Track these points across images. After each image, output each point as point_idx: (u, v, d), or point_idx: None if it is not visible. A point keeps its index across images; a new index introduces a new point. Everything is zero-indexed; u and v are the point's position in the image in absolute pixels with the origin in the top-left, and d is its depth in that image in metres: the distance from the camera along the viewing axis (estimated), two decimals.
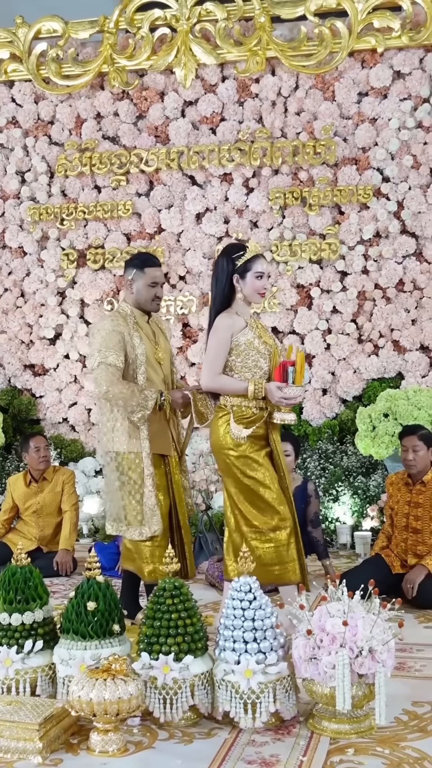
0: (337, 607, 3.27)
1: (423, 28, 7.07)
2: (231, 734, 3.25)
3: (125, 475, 4.44)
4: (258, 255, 4.33)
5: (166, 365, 4.65)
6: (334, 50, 7.23)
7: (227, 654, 3.30)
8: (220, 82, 7.57)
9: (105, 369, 4.38)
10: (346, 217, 7.30)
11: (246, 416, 4.26)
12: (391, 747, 3.09)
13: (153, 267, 4.61)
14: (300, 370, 4.16)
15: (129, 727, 3.29)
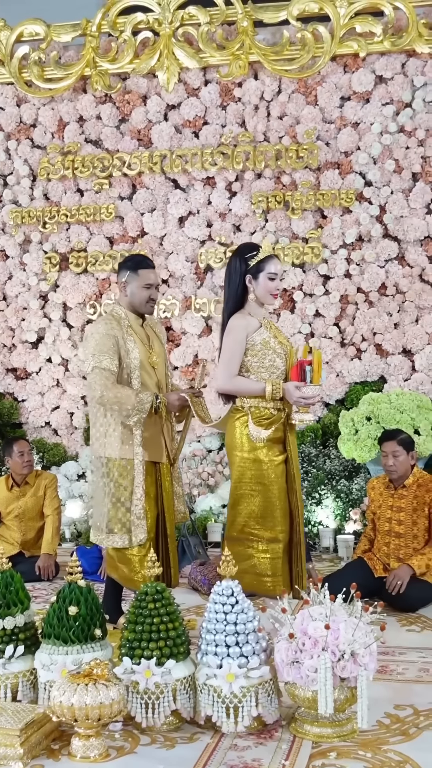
0: (319, 610, 3.27)
1: (405, 33, 7.10)
2: (213, 739, 3.24)
3: (114, 482, 4.35)
4: (271, 256, 4.29)
5: (160, 369, 4.56)
6: (316, 54, 7.25)
7: (209, 658, 3.30)
8: (202, 86, 7.57)
9: (99, 373, 4.30)
10: (329, 221, 7.31)
11: (264, 417, 4.22)
12: (374, 750, 3.09)
13: (147, 269, 4.55)
14: (317, 369, 4.12)
15: (111, 732, 3.28)
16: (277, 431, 4.24)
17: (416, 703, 3.54)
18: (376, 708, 3.42)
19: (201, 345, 7.49)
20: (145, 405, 4.27)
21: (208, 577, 5.30)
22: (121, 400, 4.27)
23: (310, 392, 4.11)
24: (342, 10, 7.18)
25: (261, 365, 4.22)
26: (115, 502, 4.36)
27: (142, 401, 4.27)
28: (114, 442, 4.36)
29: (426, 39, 7.09)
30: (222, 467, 7.21)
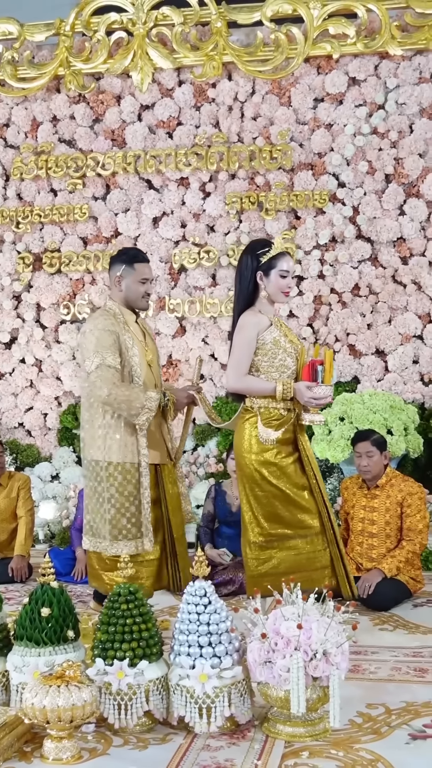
0: (291, 610, 3.28)
1: (378, 36, 7.14)
2: (186, 739, 3.24)
3: (117, 488, 4.21)
4: (283, 252, 4.21)
5: (155, 367, 4.47)
6: (290, 56, 7.27)
7: (182, 659, 3.29)
8: (176, 87, 7.57)
9: (105, 371, 4.16)
10: (302, 221, 7.34)
11: (274, 418, 4.14)
12: (345, 749, 3.10)
13: (143, 262, 4.45)
14: (329, 369, 4.05)
15: (83, 733, 3.27)
16: (286, 432, 4.16)
17: (388, 702, 3.56)
18: (349, 707, 3.43)
19: (175, 345, 7.49)
20: (153, 402, 4.16)
21: None
22: (129, 399, 4.14)
23: (321, 392, 4.04)
24: (315, 11, 7.20)
25: (271, 365, 4.13)
26: (119, 508, 4.21)
27: (150, 399, 4.16)
28: (115, 445, 4.22)
29: (399, 41, 7.14)
30: (196, 468, 7.21)
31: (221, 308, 7.37)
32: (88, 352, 4.23)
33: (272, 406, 4.13)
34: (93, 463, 4.29)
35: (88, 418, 4.34)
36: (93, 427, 4.29)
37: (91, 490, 4.33)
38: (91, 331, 4.27)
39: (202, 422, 7.37)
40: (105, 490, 4.22)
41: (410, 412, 6.56)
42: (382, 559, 5.07)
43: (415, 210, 7.14)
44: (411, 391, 6.98)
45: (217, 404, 7.32)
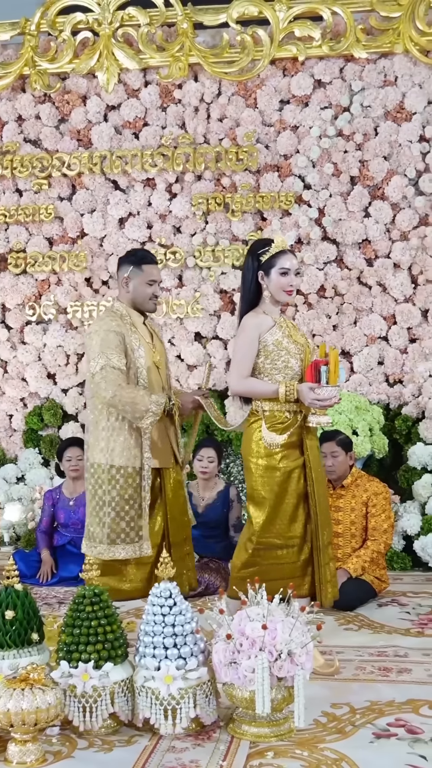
0: (256, 611, 3.29)
1: (343, 38, 7.18)
2: (151, 741, 3.24)
3: (118, 491, 4.13)
4: (284, 251, 4.10)
5: (162, 369, 4.38)
6: (256, 58, 7.29)
7: (147, 660, 3.30)
8: (143, 87, 7.55)
9: (110, 372, 4.08)
10: (269, 223, 7.36)
11: (279, 421, 4.03)
12: (310, 749, 3.12)
13: (151, 264, 4.37)
14: (334, 369, 3.92)
15: (48, 736, 3.26)
16: (292, 435, 4.05)
17: (353, 702, 3.59)
18: (314, 707, 3.46)
19: None
20: (159, 406, 4.09)
21: None
22: (134, 401, 4.06)
23: (325, 393, 3.91)
24: (281, 14, 7.23)
25: (274, 366, 4.03)
26: (119, 512, 4.15)
27: (155, 402, 4.08)
28: (118, 448, 4.14)
29: (364, 44, 7.18)
30: None
31: (187, 309, 7.37)
32: (93, 353, 4.16)
33: (277, 408, 4.03)
34: (95, 466, 4.21)
35: (92, 420, 4.26)
36: (97, 429, 4.21)
37: (91, 493, 4.26)
38: (97, 332, 4.21)
39: None
40: (106, 493, 4.15)
41: (375, 413, 6.61)
42: (347, 559, 5.10)
43: (380, 212, 7.19)
44: (376, 392, 7.02)
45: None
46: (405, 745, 3.17)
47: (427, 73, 7.19)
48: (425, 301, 7.13)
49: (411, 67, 7.20)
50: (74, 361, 7.61)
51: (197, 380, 7.36)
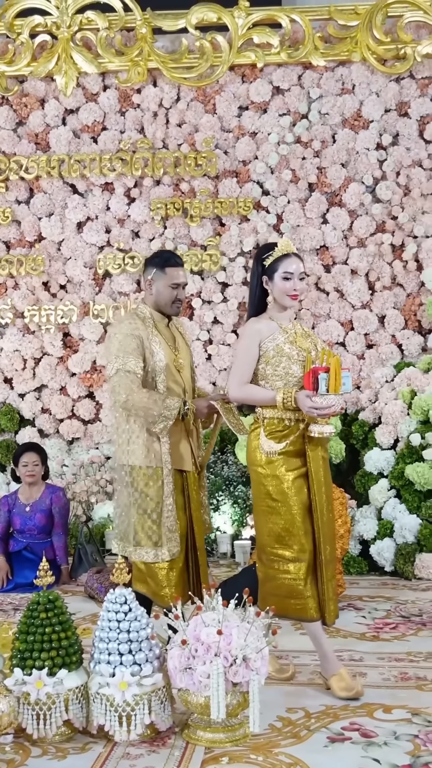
0: (212, 616, 3.29)
1: (301, 46, 7.23)
2: (106, 748, 3.23)
3: (139, 492, 4.05)
4: (287, 254, 3.96)
5: (186, 373, 4.26)
6: (215, 64, 7.31)
7: (102, 667, 3.28)
8: (101, 91, 7.54)
9: (124, 376, 4.01)
10: (227, 228, 7.37)
11: (278, 429, 3.89)
12: (265, 754, 3.13)
13: (174, 267, 4.25)
14: (335, 376, 3.74)
15: (1, 745, 3.23)
16: (293, 444, 3.87)
17: (308, 706, 3.60)
18: (269, 712, 3.47)
19: (99, 351, 7.44)
20: (172, 411, 3.99)
21: (105, 585, 5.26)
22: (147, 406, 3.98)
23: (323, 402, 3.72)
24: (240, 20, 7.26)
25: (274, 373, 3.90)
26: (141, 514, 4.06)
27: (169, 407, 3.99)
28: (138, 449, 4.07)
29: (322, 52, 7.24)
30: None
31: None
32: (110, 356, 4.12)
33: (277, 416, 3.88)
34: (120, 466, 4.17)
35: (114, 422, 4.24)
36: (118, 431, 4.17)
37: (119, 494, 4.20)
38: (115, 335, 4.15)
39: None
40: (130, 494, 4.09)
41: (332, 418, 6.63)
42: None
43: (337, 219, 7.24)
44: None
45: None
46: (359, 748, 3.19)
47: (384, 82, 7.27)
48: (382, 308, 7.19)
49: (368, 76, 7.27)
50: (31, 365, 7.56)
51: None
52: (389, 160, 7.26)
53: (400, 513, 6.05)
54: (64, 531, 6.03)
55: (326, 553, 3.86)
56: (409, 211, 7.22)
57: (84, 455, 7.32)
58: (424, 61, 7.21)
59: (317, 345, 4.03)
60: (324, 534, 3.87)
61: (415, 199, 7.23)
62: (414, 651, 4.36)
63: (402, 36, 7.17)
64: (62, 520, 6.02)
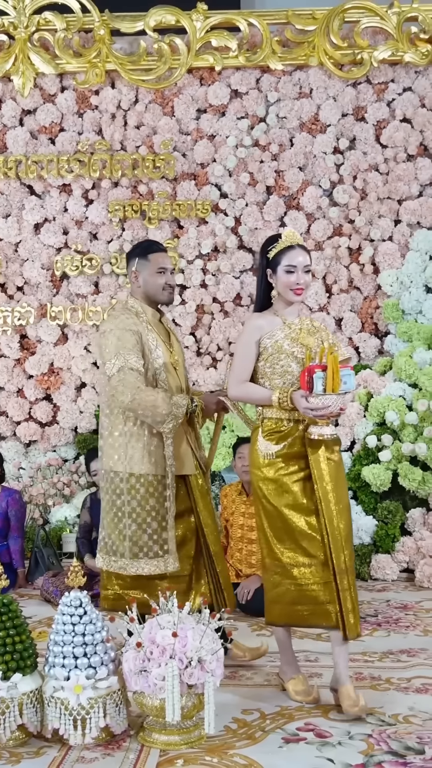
0: (167, 618, 3.29)
1: (259, 50, 7.26)
2: (60, 752, 3.21)
3: (138, 501, 3.84)
4: (291, 246, 3.74)
5: (180, 369, 4.08)
6: (173, 66, 7.31)
7: (57, 670, 3.27)
8: (59, 92, 7.51)
9: (128, 374, 3.77)
10: (185, 231, 7.38)
11: (276, 430, 3.69)
12: (220, 756, 3.13)
13: (157, 252, 4.05)
14: (332, 375, 3.50)
15: None
16: (291, 446, 3.67)
17: (263, 707, 3.61)
18: (224, 713, 3.48)
19: (56, 353, 7.41)
20: (180, 409, 3.80)
21: (60, 589, 5.24)
22: (155, 405, 3.76)
23: (318, 403, 3.50)
24: (198, 23, 7.27)
25: (273, 371, 3.69)
26: (140, 524, 3.84)
27: (177, 405, 3.80)
28: (137, 455, 3.85)
29: (279, 56, 7.27)
30: (78, 477, 7.15)
31: (104, 316, 7.33)
32: (109, 354, 3.85)
33: (276, 416, 3.69)
34: (112, 474, 3.91)
35: (107, 425, 3.96)
36: (112, 435, 3.92)
37: (108, 503, 3.94)
38: (112, 331, 3.89)
39: (84, 431, 7.32)
40: (125, 503, 3.85)
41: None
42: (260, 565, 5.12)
43: (295, 222, 7.28)
44: None
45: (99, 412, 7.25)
46: (313, 748, 3.21)
47: (341, 87, 7.32)
48: (339, 310, 7.24)
49: (326, 80, 7.32)
50: None
51: None
52: (346, 164, 7.31)
53: (356, 514, 6.09)
54: (21, 534, 5.99)
55: (339, 561, 3.61)
56: (366, 215, 7.28)
57: (41, 458, 7.28)
58: (381, 67, 7.28)
59: (325, 342, 3.78)
60: (334, 542, 3.61)
61: (372, 203, 7.29)
62: (369, 651, 4.40)
63: (359, 41, 7.23)
64: (18, 523, 5.97)
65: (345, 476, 3.81)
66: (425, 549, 5.83)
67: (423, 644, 4.50)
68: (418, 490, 6.07)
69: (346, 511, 3.70)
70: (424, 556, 5.83)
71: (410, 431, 6.18)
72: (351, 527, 3.74)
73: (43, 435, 7.40)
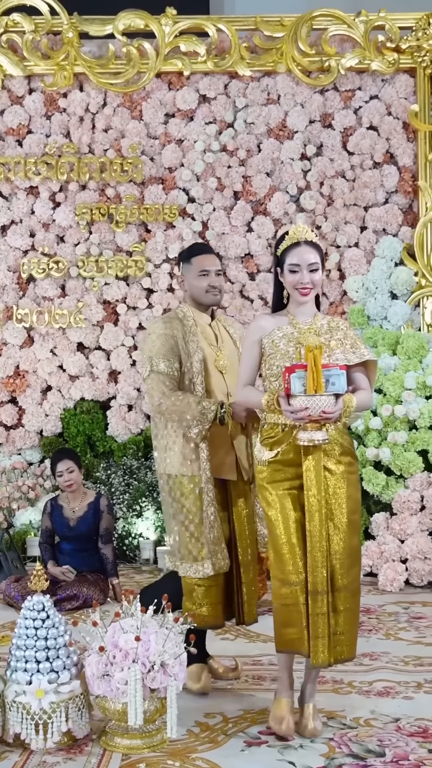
0: (130, 622, 3.29)
1: (228, 55, 7.29)
2: (21, 756, 3.20)
3: (178, 503, 3.82)
4: (296, 243, 3.47)
5: (230, 374, 3.94)
6: (141, 70, 7.32)
7: (19, 675, 3.26)
8: (27, 94, 7.48)
9: (155, 378, 3.81)
10: (153, 235, 7.39)
11: (270, 435, 3.44)
12: (182, 759, 3.14)
13: (200, 255, 3.99)
14: (313, 376, 3.22)
15: None
16: (287, 452, 3.37)
17: (226, 711, 3.62)
18: (187, 717, 3.48)
19: (22, 356, 7.38)
20: (207, 414, 3.71)
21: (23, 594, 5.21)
22: (180, 409, 3.75)
23: (298, 404, 3.23)
24: (167, 28, 7.29)
25: (270, 372, 3.49)
26: (180, 526, 3.84)
27: (204, 410, 3.72)
28: (175, 456, 3.84)
29: (248, 62, 7.31)
30: (43, 480, 7.12)
31: (70, 319, 7.32)
32: (144, 358, 3.94)
33: (273, 420, 3.44)
34: (159, 475, 3.97)
35: (153, 427, 4.02)
36: (157, 437, 3.96)
37: (164, 504, 3.99)
38: (149, 336, 3.94)
39: (49, 434, 7.29)
40: (169, 505, 3.88)
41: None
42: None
43: (262, 227, 7.32)
44: None
45: (65, 416, 7.25)
46: (275, 752, 3.23)
47: (308, 93, 7.38)
48: None
49: (293, 87, 7.37)
50: None
51: (80, 391, 7.32)
52: (313, 170, 7.37)
53: None
54: None
55: (315, 581, 3.31)
56: (332, 221, 7.34)
57: (6, 461, 7.24)
58: (348, 74, 7.35)
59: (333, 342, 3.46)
60: (314, 558, 3.31)
61: (338, 209, 7.35)
62: None
63: (326, 49, 7.29)
64: None
65: (353, 490, 3.43)
66: (388, 553, 5.87)
67: (385, 648, 4.53)
68: (382, 495, 6.11)
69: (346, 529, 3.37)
70: (387, 560, 5.87)
71: (374, 436, 6.23)
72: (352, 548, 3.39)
73: (8, 438, 7.36)
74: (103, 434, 7.29)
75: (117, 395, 7.32)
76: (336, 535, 3.36)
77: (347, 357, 3.44)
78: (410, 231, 7.37)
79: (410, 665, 4.24)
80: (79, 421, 7.23)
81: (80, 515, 5.57)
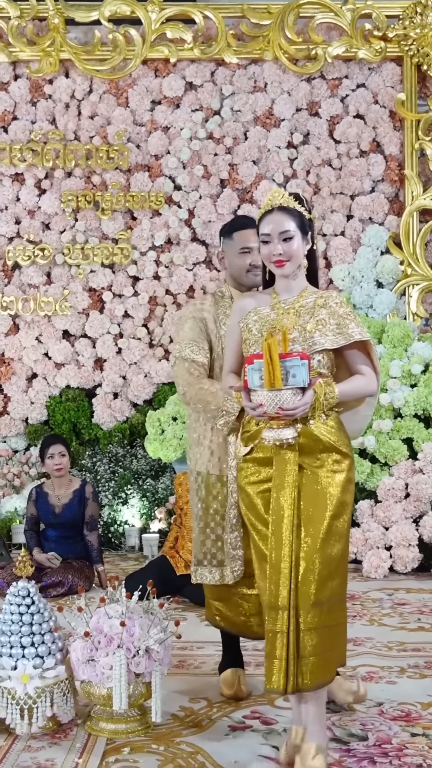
0: (115, 608, 3.30)
1: (214, 42, 7.27)
2: (6, 741, 3.21)
3: (203, 502, 3.54)
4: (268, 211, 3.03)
5: None
6: (128, 57, 7.30)
7: (4, 660, 3.26)
8: (12, 81, 7.44)
9: (180, 365, 3.50)
10: (139, 222, 7.38)
11: (246, 430, 3.08)
12: (166, 743, 3.16)
13: (243, 229, 3.55)
14: (269, 368, 2.80)
15: None
16: (262, 450, 2.98)
17: (210, 696, 3.64)
18: (172, 702, 3.50)
19: (7, 344, 7.36)
20: (233, 404, 3.30)
21: (7, 581, 5.21)
22: (205, 398, 3.41)
23: (257, 399, 2.85)
24: (153, 14, 7.26)
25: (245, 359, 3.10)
26: (203, 527, 3.54)
27: (230, 400, 3.31)
28: (204, 452, 3.53)
29: (234, 50, 7.30)
30: (28, 468, 7.11)
31: (55, 306, 7.30)
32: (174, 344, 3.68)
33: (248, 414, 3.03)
34: (190, 471, 3.69)
35: (186, 419, 3.73)
36: (189, 430, 3.67)
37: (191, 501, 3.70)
38: (180, 320, 3.65)
39: (35, 422, 7.29)
40: (194, 504, 3.61)
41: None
42: None
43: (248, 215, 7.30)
44: None
45: (50, 403, 7.24)
46: (259, 736, 3.25)
47: (295, 81, 7.37)
48: None
49: (280, 75, 7.36)
50: None
51: (66, 378, 7.31)
52: (299, 158, 7.37)
53: None
54: None
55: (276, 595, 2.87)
56: (319, 209, 7.34)
57: None
58: (335, 63, 7.35)
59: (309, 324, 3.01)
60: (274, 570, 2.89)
61: (325, 198, 7.36)
62: None
63: (313, 37, 7.29)
64: None
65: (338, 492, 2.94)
66: (372, 540, 5.90)
67: (369, 633, 4.56)
68: (366, 483, 6.14)
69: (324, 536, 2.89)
70: (371, 547, 5.90)
71: None
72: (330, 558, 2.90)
73: None
74: (89, 422, 7.29)
75: (102, 383, 7.32)
76: (307, 543, 2.89)
77: (334, 339, 3.00)
78: (396, 220, 7.39)
79: (393, 650, 4.27)
80: (65, 408, 7.22)
81: (65, 502, 5.56)
